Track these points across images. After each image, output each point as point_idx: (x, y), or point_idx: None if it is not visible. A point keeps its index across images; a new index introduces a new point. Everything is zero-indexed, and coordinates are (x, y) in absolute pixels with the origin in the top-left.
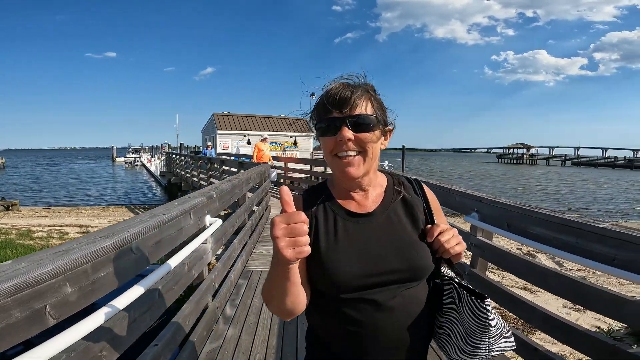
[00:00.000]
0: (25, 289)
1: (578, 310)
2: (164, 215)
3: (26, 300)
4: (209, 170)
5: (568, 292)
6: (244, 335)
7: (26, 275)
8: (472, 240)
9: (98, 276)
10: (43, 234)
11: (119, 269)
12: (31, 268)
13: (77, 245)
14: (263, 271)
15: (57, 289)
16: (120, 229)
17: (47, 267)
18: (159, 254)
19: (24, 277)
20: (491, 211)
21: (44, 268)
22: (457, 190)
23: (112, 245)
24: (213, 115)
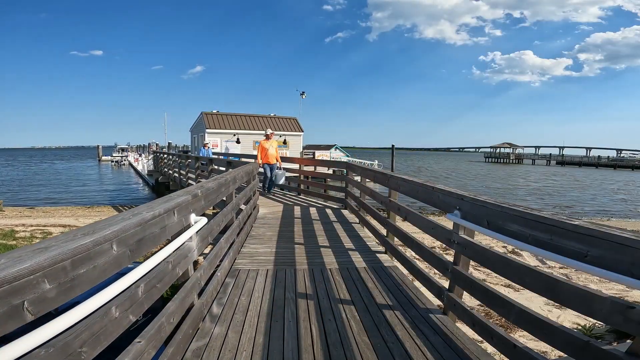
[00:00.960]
0: (2, 285)
1: (560, 308)
2: (147, 213)
3: (3, 296)
4: (198, 169)
5: (543, 288)
6: (231, 334)
7: (4, 271)
8: (454, 238)
9: (77, 273)
10: (26, 234)
11: (99, 266)
12: (9, 265)
13: (57, 243)
14: (251, 270)
15: (35, 286)
16: (101, 227)
17: (25, 263)
18: (142, 252)
19: (2, 273)
20: (472, 209)
21: (22, 264)
22: (440, 189)
23: (92, 243)
24: (202, 114)
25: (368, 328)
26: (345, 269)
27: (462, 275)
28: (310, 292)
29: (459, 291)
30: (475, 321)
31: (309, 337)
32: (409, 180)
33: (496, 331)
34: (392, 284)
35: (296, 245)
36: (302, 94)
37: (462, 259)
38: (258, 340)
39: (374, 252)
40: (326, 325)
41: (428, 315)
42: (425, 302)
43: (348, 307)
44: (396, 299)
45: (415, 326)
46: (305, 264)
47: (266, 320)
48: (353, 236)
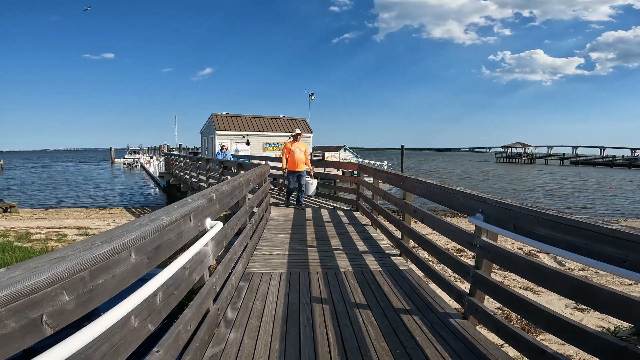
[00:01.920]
0: (19, 299)
1: (582, 311)
2: (164, 219)
3: (21, 309)
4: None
5: (575, 293)
6: (246, 340)
7: (20, 284)
8: (476, 242)
9: (96, 283)
10: (41, 236)
11: (118, 275)
12: (26, 276)
13: (74, 252)
14: (264, 273)
15: (54, 298)
16: (118, 234)
17: (42, 275)
18: (159, 258)
19: (18, 286)
20: (496, 212)
21: (39, 276)
22: (460, 191)
23: (111, 251)
24: (212, 116)
25: (386, 333)
26: (360, 272)
27: (484, 279)
28: (325, 296)
29: (480, 295)
30: (499, 326)
31: (325, 343)
32: (425, 182)
33: (522, 336)
34: (408, 288)
35: (309, 247)
36: (310, 95)
37: (485, 263)
38: (274, 346)
39: (388, 254)
40: (343, 330)
41: (448, 320)
42: (444, 306)
43: (364, 312)
44: (413, 303)
45: (434, 331)
46: (319, 267)
47: (281, 326)
48: (366, 238)
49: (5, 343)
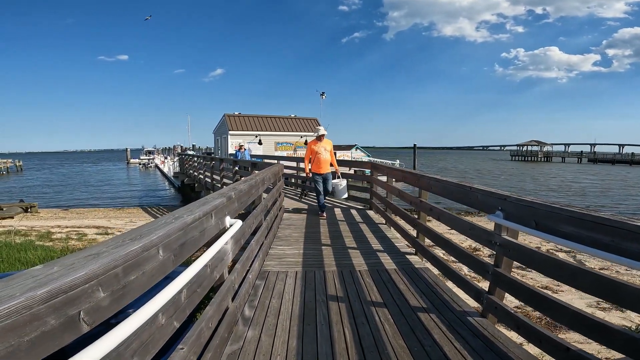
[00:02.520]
0: (59, 295)
1: (603, 310)
2: (188, 216)
3: (60, 306)
4: (223, 171)
5: (602, 290)
6: (264, 337)
7: (59, 280)
8: (496, 239)
9: (128, 280)
10: (62, 235)
11: (148, 272)
12: (64, 273)
13: (107, 249)
14: (280, 272)
15: (90, 294)
16: (146, 232)
17: (79, 271)
18: (184, 255)
19: (58, 282)
20: (517, 210)
21: (77, 273)
22: (478, 189)
23: (141, 248)
24: (224, 116)
25: (403, 331)
26: (375, 270)
27: (504, 277)
28: (340, 295)
29: (500, 293)
30: (520, 324)
31: (342, 341)
32: (442, 180)
33: (545, 334)
34: (424, 286)
35: (323, 246)
36: (322, 94)
37: (505, 261)
38: (291, 344)
39: (403, 253)
40: (359, 328)
41: (466, 318)
42: (462, 304)
43: (381, 310)
44: (430, 301)
45: (452, 329)
46: (334, 266)
47: (298, 324)
48: (380, 237)
49: (45, 340)
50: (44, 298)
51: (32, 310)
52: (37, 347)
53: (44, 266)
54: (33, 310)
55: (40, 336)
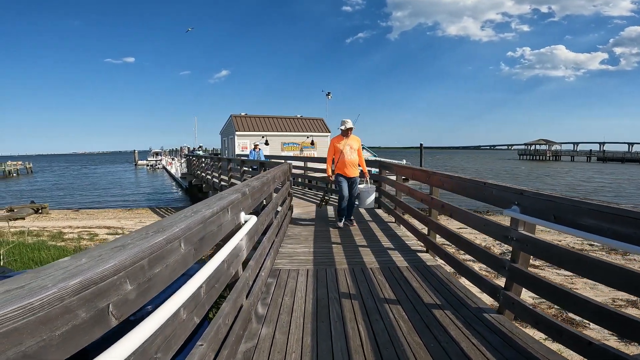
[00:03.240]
0: (90, 287)
1: (619, 307)
2: (206, 210)
3: (91, 298)
4: (231, 171)
5: (627, 284)
6: (278, 335)
7: (90, 271)
8: (512, 234)
9: (153, 272)
10: (74, 235)
11: (171, 266)
12: (93, 264)
13: (132, 241)
14: (291, 269)
15: (119, 287)
16: (168, 224)
17: (108, 262)
18: (203, 250)
19: (89, 273)
20: (535, 204)
21: (106, 264)
22: (493, 184)
23: (165, 240)
24: (231, 116)
25: (418, 328)
26: (387, 268)
27: (522, 272)
28: (353, 292)
29: (517, 289)
30: (540, 319)
31: (357, 338)
32: (454, 177)
33: (567, 329)
34: (438, 283)
35: (333, 244)
36: (328, 94)
37: (522, 256)
38: (306, 341)
39: (414, 251)
40: (374, 325)
41: (481, 315)
42: (476, 301)
43: (395, 307)
44: (444, 298)
45: (469, 325)
46: (345, 264)
47: (312, 321)
48: (390, 235)
49: (76, 335)
50: (76, 289)
51: (64, 302)
52: (68, 341)
53: (71, 258)
54: (65, 302)
55: (72, 330)
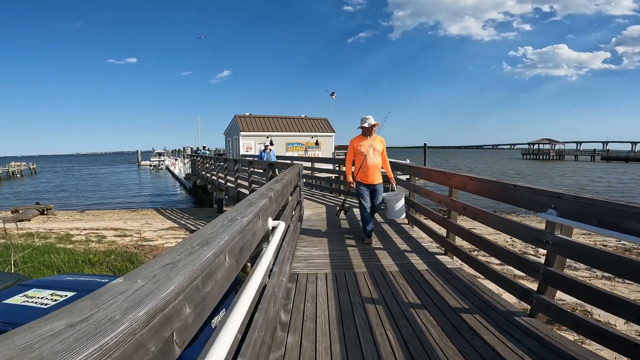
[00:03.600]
0: (156, 315)
1: None
2: (242, 218)
3: (158, 329)
4: (237, 172)
5: None
6: (305, 343)
7: (153, 297)
8: (548, 238)
9: (206, 291)
10: (81, 237)
11: (219, 282)
12: (153, 288)
13: (180, 256)
14: (309, 274)
15: (179, 311)
16: (210, 236)
17: (168, 285)
18: (242, 261)
19: (153, 300)
20: (574, 207)
21: (166, 287)
22: (525, 187)
23: (213, 255)
24: (235, 117)
25: (449, 333)
26: (407, 271)
27: (557, 276)
28: (376, 297)
29: (551, 292)
30: (579, 322)
31: (387, 344)
32: (478, 179)
33: (610, 332)
34: (462, 287)
35: (348, 247)
36: (332, 94)
37: (558, 259)
38: (335, 349)
39: (432, 253)
40: (402, 331)
41: (513, 318)
42: (505, 304)
43: (421, 312)
44: (471, 302)
45: (502, 329)
46: (364, 267)
47: (338, 327)
48: (405, 237)
49: None
50: (145, 320)
51: (136, 336)
52: None
53: (124, 279)
54: (137, 336)
55: None
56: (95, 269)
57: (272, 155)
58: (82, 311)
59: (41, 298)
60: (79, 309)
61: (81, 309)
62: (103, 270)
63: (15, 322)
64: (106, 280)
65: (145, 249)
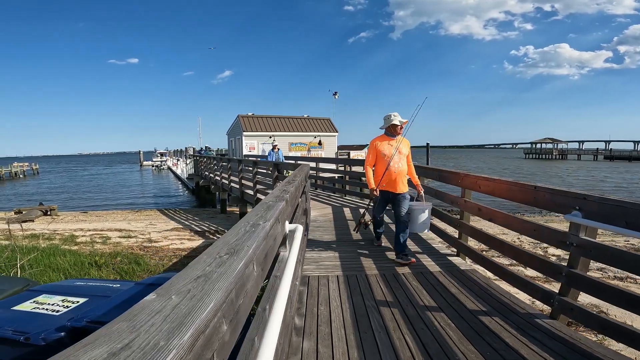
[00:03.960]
0: (199, 338)
1: None
2: (265, 223)
3: (201, 352)
4: (241, 172)
5: None
6: (322, 348)
7: (193, 317)
8: (572, 240)
9: (239, 305)
10: (86, 238)
11: (249, 292)
12: (190, 305)
13: (211, 268)
14: (320, 276)
15: (218, 329)
16: (237, 244)
17: (206, 302)
18: (266, 269)
19: (195, 320)
20: (601, 209)
21: (205, 304)
22: (546, 188)
23: (244, 265)
24: (238, 117)
25: (469, 336)
26: (420, 273)
27: (581, 278)
28: (390, 300)
29: (574, 294)
30: (606, 324)
31: (406, 349)
32: (494, 179)
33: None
34: (478, 289)
35: (358, 249)
36: (334, 94)
37: (582, 261)
38: (352, 354)
39: (444, 254)
40: (420, 334)
41: (534, 321)
42: (525, 306)
43: (438, 315)
44: (489, 304)
45: (524, 332)
46: (375, 269)
47: (354, 332)
48: (415, 238)
49: None
50: (190, 345)
51: None
52: None
53: (157, 296)
54: None
55: None
56: (102, 271)
57: (281, 155)
58: (121, 335)
59: (52, 304)
60: (116, 332)
61: (119, 333)
62: (110, 272)
63: (27, 330)
64: (117, 285)
65: (150, 251)
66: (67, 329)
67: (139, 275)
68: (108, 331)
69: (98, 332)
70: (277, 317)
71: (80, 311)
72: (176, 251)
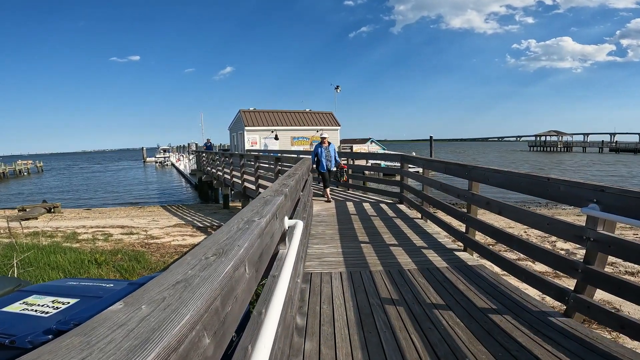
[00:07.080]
0: (169, 356)
1: None
2: (260, 220)
3: None
4: (243, 167)
5: None
6: (324, 349)
7: (162, 331)
8: (589, 234)
9: (225, 313)
10: (88, 235)
11: (239, 298)
12: (162, 317)
13: (194, 271)
14: (323, 273)
15: (197, 344)
16: (227, 243)
17: (181, 314)
18: (261, 270)
19: (165, 336)
20: (621, 202)
21: (180, 316)
22: (560, 180)
23: (232, 268)
24: (240, 112)
25: (479, 336)
26: (426, 269)
27: (598, 274)
28: (396, 297)
29: (590, 292)
30: (625, 323)
31: (413, 350)
32: (504, 172)
33: None
34: (486, 285)
35: (362, 244)
36: (336, 88)
37: (599, 257)
38: (356, 355)
39: (450, 249)
40: (428, 334)
41: (547, 319)
42: (536, 304)
43: (446, 313)
44: (499, 301)
45: (537, 331)
46: (380, 265)
47: (358, 332)
48: (420, 233)
49: None
50: None
51: None
52: None
53: (125, 305)
54: None
55: None
56: (102, 269)
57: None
58: (69, 353)
59: (42, 305)
60: (64, 349)
61: (68, 350)
62: (110, 270)
63: (14, 333)
64: (110, 285)
65: (152, 247)
66: (53, 332)
67: (138, 273)
68: (55, 347)
69: (42, 349)
70: (272, 320)
71: (70, 312)
72: (178, 248)
